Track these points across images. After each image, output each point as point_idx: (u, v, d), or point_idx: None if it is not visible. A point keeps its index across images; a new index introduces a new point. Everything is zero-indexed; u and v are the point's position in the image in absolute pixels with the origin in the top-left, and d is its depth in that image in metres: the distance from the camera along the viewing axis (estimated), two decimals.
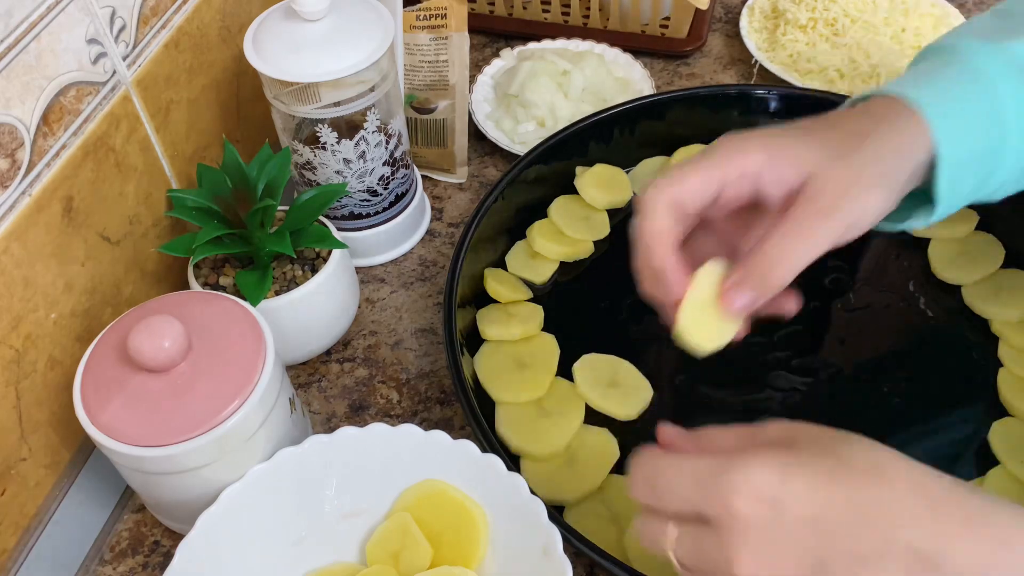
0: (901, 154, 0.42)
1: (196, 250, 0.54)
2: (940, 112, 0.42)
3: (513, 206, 0.68)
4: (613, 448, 0.57)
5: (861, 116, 0.43)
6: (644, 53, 0.85)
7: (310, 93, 0.59)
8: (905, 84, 0.44)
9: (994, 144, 0.43)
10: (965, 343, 0.62)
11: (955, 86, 0.43)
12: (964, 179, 0.43)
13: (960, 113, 0.42)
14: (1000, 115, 0.42)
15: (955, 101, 0.43)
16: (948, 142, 0.42)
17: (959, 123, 0.42)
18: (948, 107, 0.42)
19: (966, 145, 0.42)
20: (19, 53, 0.46)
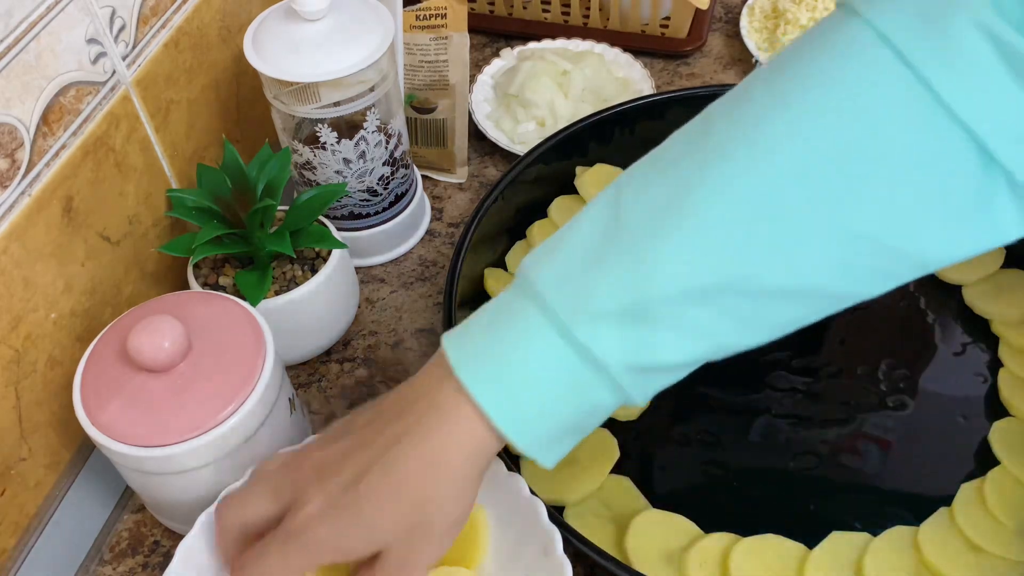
0: (469, 474, 0.40)
1: (196, 250, 0.54)
2: (492, 394, 0.38)
3: (513, 206, 0.68)
4: (613, 448, 0.57)
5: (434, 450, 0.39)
6: (644, 53, 0.85)
7: (310, 93, 0.59)
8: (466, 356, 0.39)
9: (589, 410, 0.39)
10: (965, 343, 0.62)
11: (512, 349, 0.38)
12: (560, 447, 0.40)
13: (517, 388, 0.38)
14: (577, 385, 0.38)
15: (510, 373, 0.38)
16: (516, 431, 0.38)
17: (520, 404, 0.38)
18: (502, 385, 0.38)
19: (540, 427, 0.39)
20: (19, 53, 0.46)
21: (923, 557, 0.50)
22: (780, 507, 0.54)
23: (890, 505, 0.54)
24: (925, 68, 0.33)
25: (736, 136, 0.37)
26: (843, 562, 0.50)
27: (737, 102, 0.39)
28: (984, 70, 0.32)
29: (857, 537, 0.51)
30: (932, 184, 0.35)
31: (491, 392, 0.38)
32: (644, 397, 0.39)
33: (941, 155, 0.34)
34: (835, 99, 0.35)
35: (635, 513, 0.53)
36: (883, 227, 0.35)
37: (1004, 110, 0.33)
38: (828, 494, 0.55)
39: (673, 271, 0.36)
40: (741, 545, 0.51)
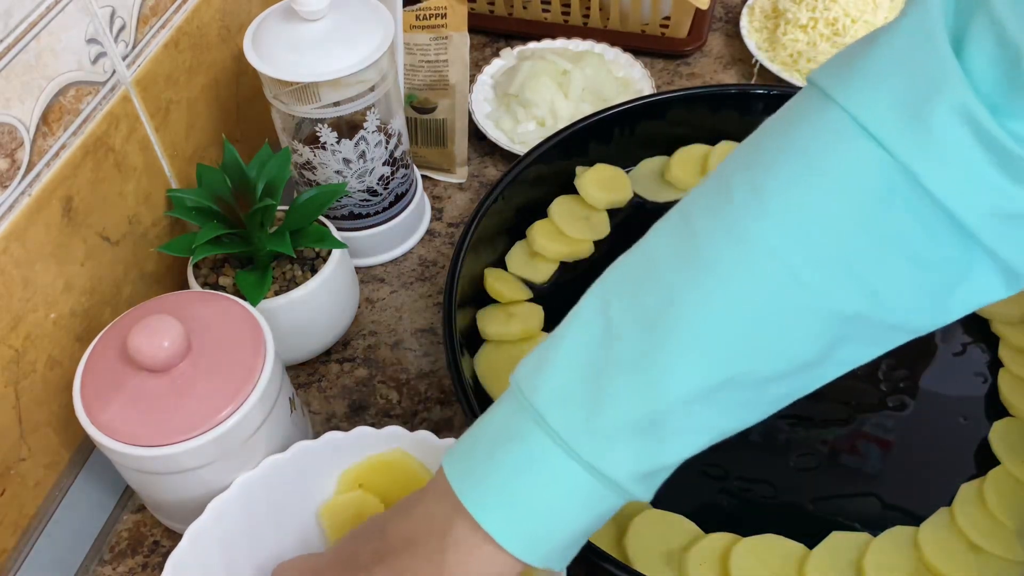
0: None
1: (196, 250, 0.54)
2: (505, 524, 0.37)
3: (513, 206, 0.68)
4: None
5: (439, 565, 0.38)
6: (644, 53, 0.85)
7: (310, 93, 0.59)
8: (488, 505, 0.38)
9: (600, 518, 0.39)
10: (966, 343, 0.62)
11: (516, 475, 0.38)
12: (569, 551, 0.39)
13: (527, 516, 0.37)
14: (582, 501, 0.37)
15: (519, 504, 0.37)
16: (528, 552, 0.38)
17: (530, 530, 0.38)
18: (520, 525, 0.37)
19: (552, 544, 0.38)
20: (19, 53, 0.46)
21: (923, 557, 0.50)
22: (780, 507, 0.54)
23: (890, 505, 0.54)
24: (910, 160, 0.33)
25: (719, 238, 0.36)
26: (843, 562, 0.50)
27: (718, 198, 0.38)
28: (965, 158, 0.33)
29: (857, 537, 0.51)
30: (918, 267, 0.35)
31: (502, 522, 0.37)
32: (651, 495, 0.39)
33: (927, 242, 0.34)
34: (819, 195, 0.35)
35: (635, 513, 0.53)
36: (873, 308, 0.36)
37: (984, 193, 0.33)
38: (828, 494, 0.55)
39: (675, 381, 0.36)
40: (741, 545, 0.51)
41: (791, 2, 0.83)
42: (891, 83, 0.34)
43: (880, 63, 0.34)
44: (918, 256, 0.35)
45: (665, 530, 0.52)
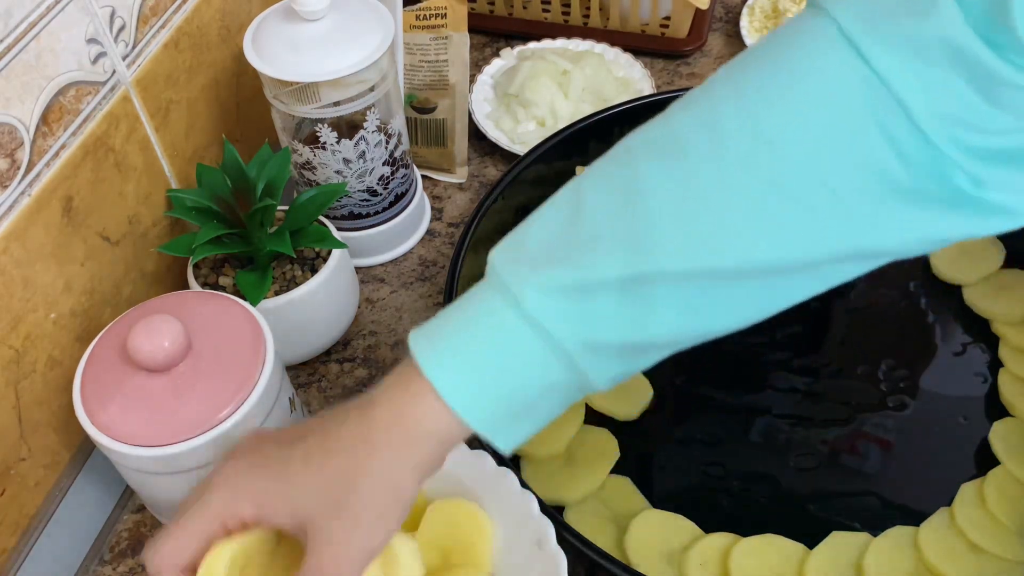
0: (411, 464, 0.39)
1: (196, 250, 0.54)
2: (452, 382, 0.38)
3: (513, 206, 0.68)
4: (613, 448, 0.57)
5: (377, 425, 0.39)
6: (644, 53, 0.85)
7: (310, 93, 0.59)
8: (431, 345, 0.39)
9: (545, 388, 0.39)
10: (966, 343, 0.62)
11: (476, 335, 0.39)
12: (516, 429, 0.40)
13: (479, 371, 0.38)
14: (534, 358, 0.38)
15: (472, 357, 0.38)
16: (472, 412, 0.38)
17: (479, 385, 0.38)
18: (465, 369, 0.38)
19: (497, 407, 0.38)
20: (19, 53, 0.46)
21: (923, 557, 0.50)
22: (780, 507, 0.54)
23: (890, 505, 0.54)
24: (886, 69, 0.34)
25: (692, 127, 0.38)
26: (843, 562, 0.50)
27: (697, 95, 0.40)
28: (943, 73, 0.34)
29: (857, 537, 0.51)
30: (891, 186, 0.36)
31: (440, 366, 0.38)
32: (601, 379, 0.39)
33: (898, 162, 0.35)
34: (784, 87, 0.36)
35: (635, 513, 0.53)
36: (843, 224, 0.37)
37: (957, 108, 0.34)
38: (828, 494, 0.55)
39: (614, 260, 0.37)
40: (741, 545, 0.51)
41: (791, 2, 0.83)
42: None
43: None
44: (889, 174, 0.35)
45: (665, 530, 0.52)
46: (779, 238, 0.37)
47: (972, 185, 0.35)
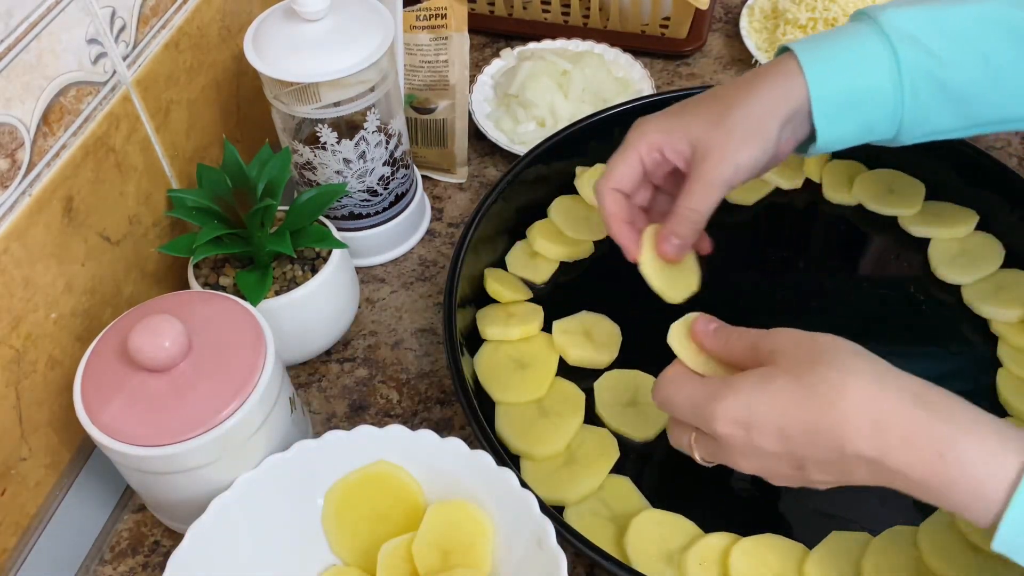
0: (773, 107, 0.51)
1: (196, 250, 0.54)
2: (813, 58, 0.51)
3: (513, 206, 0.68)
4: (613, 448, 0.57)
5: (750, 79, 0.52)
6: (644, 53, 0.85)
7: (310, 93, 0.59)
8: (803, 42, 0.53)
9: (871, 86, 0.51)
10: (965, 343, 0.62)
11: (839, 38, 0.52)
12: (842, 117, 0.52)
13: (832, 59, 0.51)
14: (876, 61, 0.50)
15: (831, 49, 0.51)
16: (818, 84, 0.51)
17: (830, 67, 0.51)
18: (822, 54, 0.51)
19: (837, 86, 0.51)
20: (19, 53, 0.46)
21: (923, 557, 0.50)
22: (780, 507, 0.54)
23: (890, 505, 0.54)
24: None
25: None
26: (843, 562, 0.50)
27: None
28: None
29: (857, 537, 0.51)
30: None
31: (805, 52, 0.51)
32: (910, 102, 0.51)
33: None
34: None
35: (635, 513, 0.53)
36: None
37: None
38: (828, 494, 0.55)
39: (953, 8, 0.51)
40: (741, 545, 0.51)
41: (791, 2, 0.83)
42: None
43: None
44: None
45: (665, 530, 0.52)
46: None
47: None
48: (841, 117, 0.52)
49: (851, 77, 0.51)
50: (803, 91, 0.51)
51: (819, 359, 0.41)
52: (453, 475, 0.50)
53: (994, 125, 0.53)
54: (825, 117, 0.51)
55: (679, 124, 0.52)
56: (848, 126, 0.52)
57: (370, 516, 0.51)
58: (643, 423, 0.58)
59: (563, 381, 0.60)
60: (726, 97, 0.52)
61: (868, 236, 0.69)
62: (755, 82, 0.52)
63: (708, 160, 0.51)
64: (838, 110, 0.51)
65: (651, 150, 0.53)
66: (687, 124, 0.52)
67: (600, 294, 0.65)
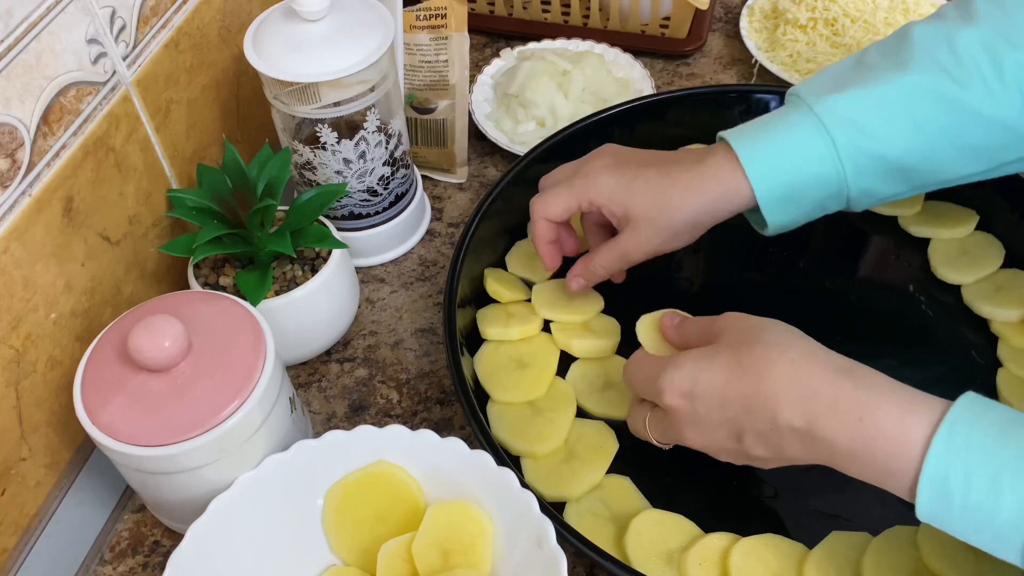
0: (713, 210, 0.55)
1: (196, 250, 0.54)
2: (752, 157, 0.53)
3: (513, 206, 0.68)
4: (612, 441, 0.57)
5: (696, 174, 0.55)
6: (644, 53, 0.85)
7: (310, 93, 0.59)
8: (740, 135, 0.55)
9: (814, 175, 0.53)
10: (965, 343, 0.62)
11: (776, 131, 0.53)
12: (788, 207, 0.54)
13: (772, 157, 0.53)
14: (815, 151, 0.52)
15: (770, 146, 0.53)
16: (761, 183, 0.53)
17: (771, 165, 0.53)
18: (762, 154, 0.53)
19: (779, 181, 0.53)
20: (19, 53, 0.46)
21: (923, 557, 0.50)
22: (780, 507, 0.54)
23: (890, 505, 0.54)
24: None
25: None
26: (843, 562, 0.50)
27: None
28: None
29: (857, 537, 0.51)
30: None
31: (746, 148, 0.53)
32: (856, 186, 0.53)
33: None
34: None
35: (635, 513, 0.53)
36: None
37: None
38: (828, 494, 0.55)
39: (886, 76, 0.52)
40: (741, 545, 0.51)
41: (791, 2, 0.83)
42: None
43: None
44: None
45: (665, 530, 0.52)
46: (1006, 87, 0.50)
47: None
48: (787, 207, 0.54)
49: (793, 171, 0.53)
50: (747, 191, 0.53)
51: (756, 337, 0.45)
52: (453, 475, 0.50)
53: (939, 184, 0.55)
54: (772, 211, 0.54)
55: (625, 193, 0.56)
56: (795, 213, 0.55)
57: (370, 516, 0.51)
58: (622, 402, 0.59)
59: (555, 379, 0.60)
60: (674, 187, 0.55)
61: (868, 236, 0.69)
62: (703, 182, 0.54)
63: (633, 237, 0.56)
64: (783, 202, 0.54)
65: (591, 204, 0.57)
66: (630, 196, 0.55)
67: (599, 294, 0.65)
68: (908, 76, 0.51)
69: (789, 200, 0.54)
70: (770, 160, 0.53)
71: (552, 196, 0.58)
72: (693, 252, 0.67)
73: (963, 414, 0.39)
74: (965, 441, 0.39)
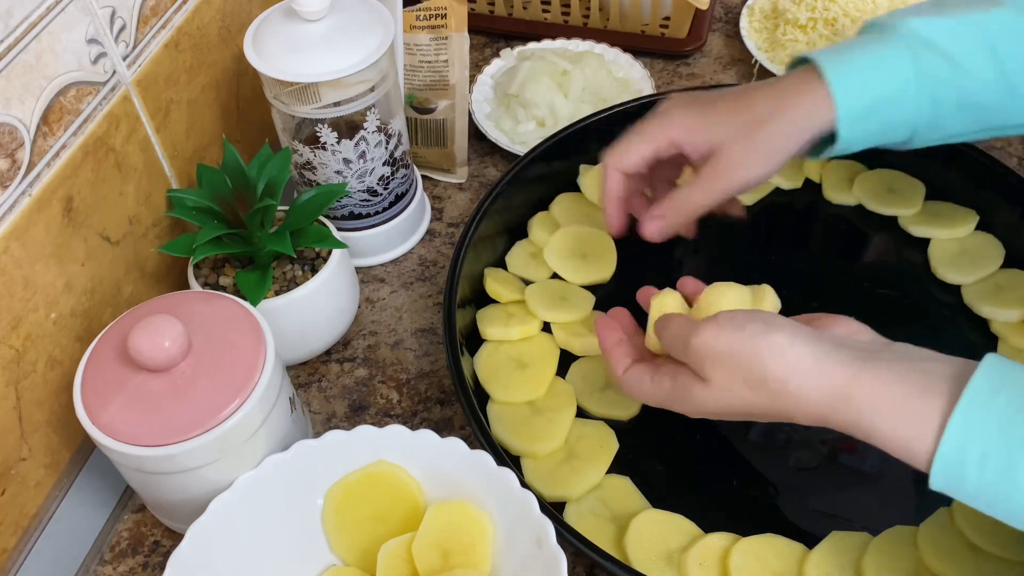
0: (801, 128, 0.52)
1: (196, 250, 0.54)
2: (839, 72, 0.51)
3: (513, 206, 0.68)
4: (612, 440, 0.57)
5: (779, 93, 0.53)
6: (644, 53, 0.85)
7: (310, 93, 0.59)
8: (826, 53, 0.53)
9: (894, 94, 0.52)
10: (965, 343, 0.62)
11: (863, 49, 0.52)
12: (863, 124, 0.52)
13: (858, 71, 0.52)
14: (898, 70, 0.51)
15: (856, 62, 0.52)
16: (845, 97, 0.51)
17: (855, 80, 0.51)
18: (847, 68, 0.51)
19: (862, 97, 0.52)
20: (19, 53, 0.46)
21: (923, 557, 0.50)
22: (780, 507, 0.54)
23: (890, 505, 0.54)
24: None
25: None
26: (843, 562, 0.50)
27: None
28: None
29: (857, 537, 0.51)
30: None
31: (829, 61, 0.52)
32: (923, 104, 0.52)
33: None
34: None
35: (635, 513, 0.53)
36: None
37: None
38: (828, 494, 0.55)
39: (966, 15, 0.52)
40: (741, 545, 0.51)
41: (791, 2, 0.83)
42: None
43: None
44: None
45: (665, 530, 0.52)
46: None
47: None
48: (862, 124, 0.52)
49: (875, 87, 0.52)
50: (831, 109, 0.51)
51: (750, 317, 0.45)
52: (453, 475, 0.50)
53: (1005, 130, 0.54)
54: (848, 127, 0.52)
55: (704, 124, 0.53)
56: (867, 131, 0.53)
57: (370, 516, 0.51)
58: (623, 402, 0.58)
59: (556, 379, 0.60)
60: (755, 107, 0.52)
61: (868, 236, 0.69)
62: (784, 98, 0.52)
63: (725, 167, 0.52)
64: (861, 118, 0.52)
65: (670, 144, 0.54)
66: (712, 125, 0.53)
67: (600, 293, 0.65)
68: (996, 10, 0.51)
69: (865, 116, 0.52)
70: (855, 75, 0.51)
71: (627, 143, 0.55)
72: (693, 252, 0.68)
73: (981, 389, 0.39)
74: (983, 419, 0.38)
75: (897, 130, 0.53)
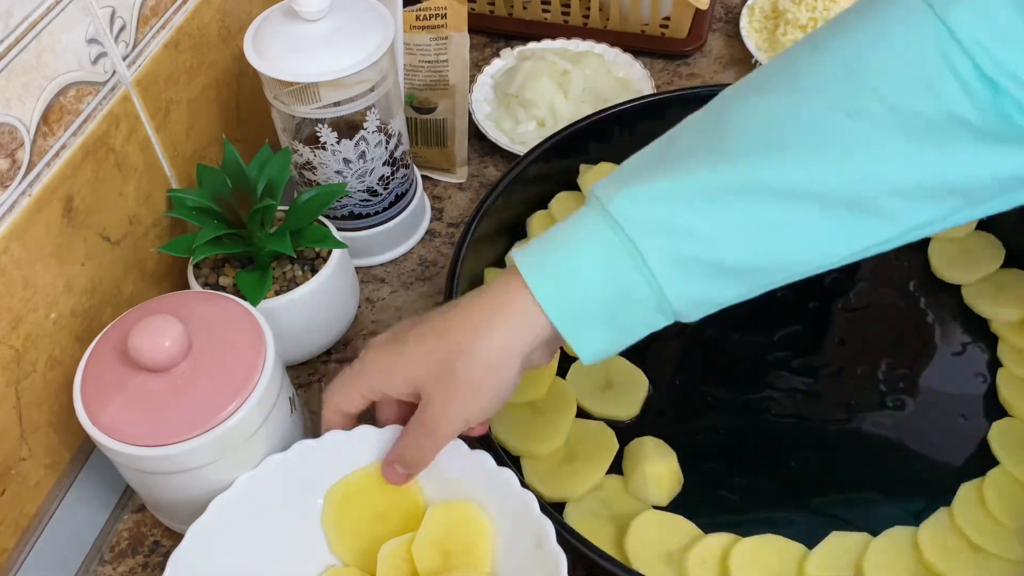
0: (511, 347, 0.44)
1: (196, 250, 0.54)
2: (541, 278, 0.43)
3: (513, 206, 0.68)
4: (612, 441, 0.57)
5: (482, 310, 0.45)
6: (644, 53, 0.85)
7: (310, 93, 0.59)
8: (530, 252, 0.44)
9: (619, 291, 0.42)
10: (965, 343, 0.62)
11: (566, 242, 0.43)
12: (596, 330, 0.43)
13: (563, 275, 0.43)
14: (613, 261, 0.42)
15: (559, 261, 0.43)
16: (556, 308, 0.43)
17: (562, 285, 0.43)
18: (551, 270, 0.43)
19: (577, 304, 0.43)
20: (19, 53, 0.46)
21: (923, 557, 0.50)
22: (780, 507, 0.54)
23: (890, 505, 0.54)
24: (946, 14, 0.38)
25: (774, 70, 0.43)
26: (843, 562, 0.50)
27: (781, 56, 0.44)
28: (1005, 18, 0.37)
29: (857, 537, 0.51)
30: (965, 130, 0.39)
31: (531, 264, 0.43)
32: (678, 298, 0.42)
33: (967, 102, 0.38)
34: (869, 41, 0.40)
35: (634, 513, 0.53)
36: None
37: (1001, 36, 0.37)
38: (828, 494, 0.55)
39: (699, 175, 0.41)
40: (741, 545, 0.51)
41: (791, 2, 0.83)
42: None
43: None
44: (959, 112, 0.38)
45: (665, 530, 0.52)
46: (844, 157, 0.40)
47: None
48: (595, 330, 0.43)
49: (591, 289, 0.42)
50: (544, 318, 0.43)
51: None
52: (453, 475, 0.50)
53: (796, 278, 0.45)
54: (577, 338, 0.43)
55: (400, 365, 0.46)
56: (608, 336, 0.44)
57: (370, 516, 0.51)
58: (624, 402, 0.59)
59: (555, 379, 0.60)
60: (454, 335, 0.45)
61: None
62: (488, 318, 0.44)
63: (431, 412, 0.46)
64: (588, 326, 0.43)
65: (372, 392, 0.48)
66: (408, 366, 0.46)
67: None
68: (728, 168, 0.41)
69: (594, 321, 0.43)
70: (561, 280, 0.43)
71: (335, 391, 0.49)
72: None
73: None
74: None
75: (652, 319, 0.43)
